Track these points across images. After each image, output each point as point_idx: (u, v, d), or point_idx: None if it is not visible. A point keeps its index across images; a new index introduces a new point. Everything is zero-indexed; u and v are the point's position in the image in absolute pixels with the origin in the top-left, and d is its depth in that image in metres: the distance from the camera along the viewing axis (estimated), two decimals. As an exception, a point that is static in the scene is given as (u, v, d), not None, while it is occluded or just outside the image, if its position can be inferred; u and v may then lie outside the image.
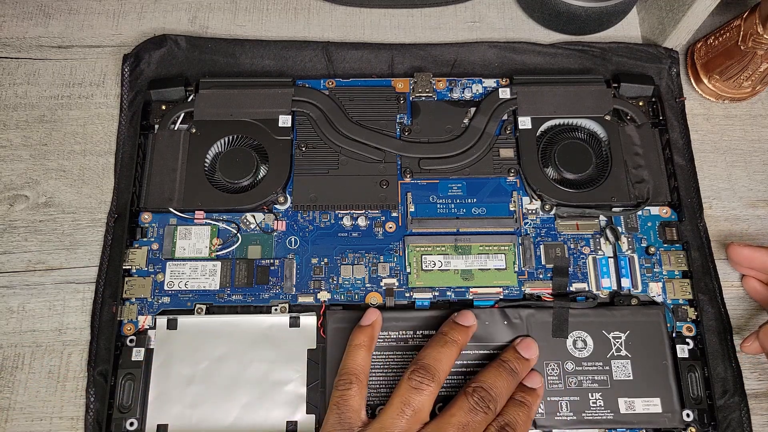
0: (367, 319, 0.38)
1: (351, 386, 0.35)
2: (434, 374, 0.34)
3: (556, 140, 0.45)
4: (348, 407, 0.34)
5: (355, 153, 0.44)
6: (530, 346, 0.38)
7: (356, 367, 0.36)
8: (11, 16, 0.51)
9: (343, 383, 0.35)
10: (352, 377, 0.35)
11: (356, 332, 0.37)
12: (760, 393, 0.41)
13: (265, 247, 0.42)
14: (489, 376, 0.35)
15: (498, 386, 0.35)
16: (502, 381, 0.35)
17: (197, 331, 0.40)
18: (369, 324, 0.37)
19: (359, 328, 0.37)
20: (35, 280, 0.43)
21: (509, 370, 0.36)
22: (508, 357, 0.37)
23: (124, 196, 0.43)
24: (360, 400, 0.35)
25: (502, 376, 0.36)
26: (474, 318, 0.38)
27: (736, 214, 0.46)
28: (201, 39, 0.49)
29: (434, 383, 0.34)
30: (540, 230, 0.43)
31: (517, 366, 0.36)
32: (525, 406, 0.35)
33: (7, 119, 0.47)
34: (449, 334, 0.36)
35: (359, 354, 0.36)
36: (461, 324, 0.37)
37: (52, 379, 0.40)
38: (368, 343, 0.37)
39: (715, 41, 0.47)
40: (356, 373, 0.35)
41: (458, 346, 0.36)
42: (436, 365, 0.35)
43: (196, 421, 0.38)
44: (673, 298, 0.41)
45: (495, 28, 0.52)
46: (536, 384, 0.37)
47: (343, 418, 0.34)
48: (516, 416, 0.35)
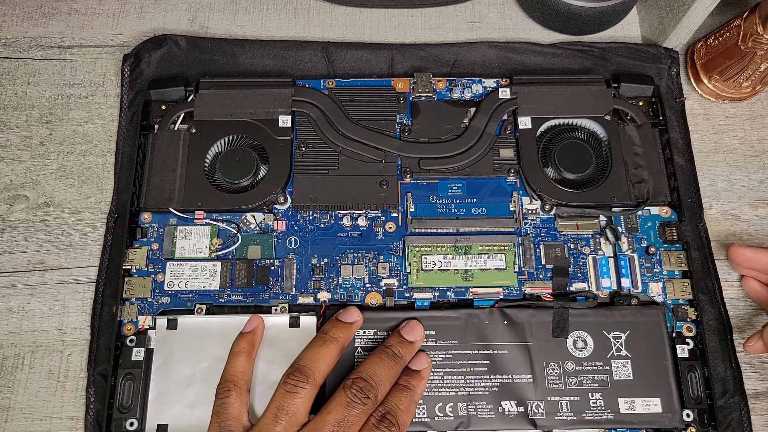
0: (249, 326, 0.38)
1: (230, 393, 0.35)
2: (309, 375, 0.34)
3: (556, 140, 0.45)
4: (227, 414, 0.34)
5: (355, 153, 0.44)
6: (414, 328, 0.37)
7: (235, 373, 0.36)
8: (11, 16, 0.51)
9: (222, 391, 0.35)
10: (230, 384, 0.35)
11: (237, 339, 0.37)
12: (760, 393, 0.41)
13: (265, 247, 0.42)
14: (368, 365, 0.35)
15: (378, 374, 0.34)
16: (382, 368, 0.35)
17: (197, 331, 0.40)
18: (250, 330, 0.38)
19: (240, 335, 0.38)
20: (35, 280, 0.43)
21: (391, 354, 0.36)
22: (390, 342, 0.37)
23: (124, 196, 0.43)
24: (240, 407, 0.35)
25: (383, 362, 0.35)
26: (359, 314, 0.38)
27: (736, 214, 0.46)
28: (201, 39, 0.49)
29: (309, 384, 0.34)
30: (540, 230, 0.43)
31: (401, 350, 0.36)
32: (408, 390, 0.35)
33: (7, 119, 0.47)
34: (329, 332, 0.36)
35: (239, 360, 0.36)
36: (343, 321, 0.37)
37: (52, 379, 0.40)
38: (248, 349, 0.37)
39: (715, 41, 0.47)
40: (234, 380, 0.35)
41: (339, 344, 0.36)
42: (312, 366, 0.34)
43: (196, 421, 0.38)
44: (673, 298, 0.41)
45: (495, 28, 0.52)
46: (421, 365, 0.36)
47: (223, 426, 0.34)
48: (397, 402, 0.34)
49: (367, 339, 0.39)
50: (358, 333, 0.39)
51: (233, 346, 0.37)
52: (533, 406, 0.38)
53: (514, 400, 0.38)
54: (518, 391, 0.38)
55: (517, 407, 0.38)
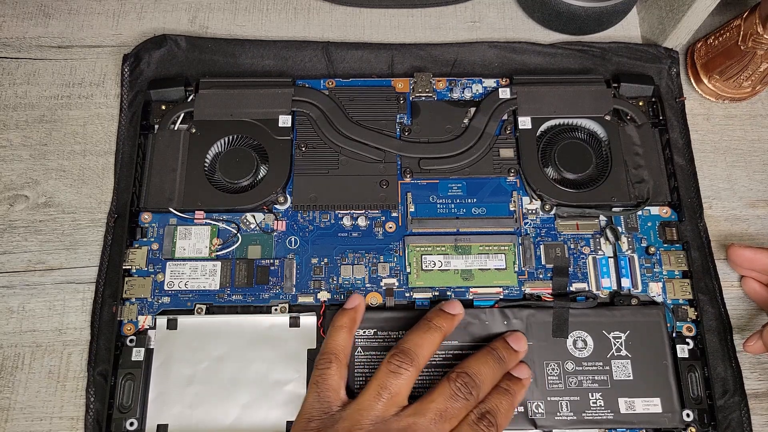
0: (351, 303, 0.38)
1: (330, 365, 0.35)
2: (413, 358, 0.34)
3: (556, 140, 0.45)
4: (327, 386, 0.34)
5: (355, 153, 0.44)
6: (520, 339, 0.38)
7: (336, 346, 0.36)
8: (11, 16, 0.51)
9: (323, 362, 0.35)
10: (332, 356, 0.35)
11: (339, 314, 0.38)
12: (760, 393, 0.41)
13: (265, 247, 0.42)
14: (474, 363, 0.35)
15: (483, 373, 0.35)
16: (487, 368, 0.35)
17: (197, 331, 0.40)
18: (352, 307, 0.38)
19: (342, 310, 0.38)
20: (35, 280, 0.43)
21: (497, 357, 0.36)
22: (496, 345, 0.37)
23: (124, 196, 0.43)
24: (339, 380, 0.35)
25: (488, 363, 0.35)
26: (461, 307, 0.38)
27: (736, 214, 0.46)
28: (201, 39, 0.49)
29: (413, 367, 0.34)
30: (540, 230, 0.43)
31: (505, 355, 0.36)
32: (509, 395, 0.35)
33: (7, 119, 0.47)
34: (434, 320, 0.36)
35: (340, 334, 0.36)
36: (447, 312, 0.37)
37: (52, 379, 0.40)
38: (350, 325, 0.37)
39: (715, 41, 0.47)
40: (336, 352, 0.35)
41: (442, 333, 0.36)
42: (417, 350, 0.35)
43: (196, 421, 0.38)
44: (673, 298, 0.41)
45: (495, 28, 0.52)
46: (524, 375, 0.37)
47: (322, 396, 0.34)
48: (498, 404, 0.34)
49: (367, 339, 0.39)
50: (358, 333, 0.39)
51: (335, 320, 0.37)
52: (533, 406, 0.38)
53: (514, 400, 0.38)
54: (518, 391, 0.38)
55: (517, 407, 0.38)
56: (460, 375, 0.34)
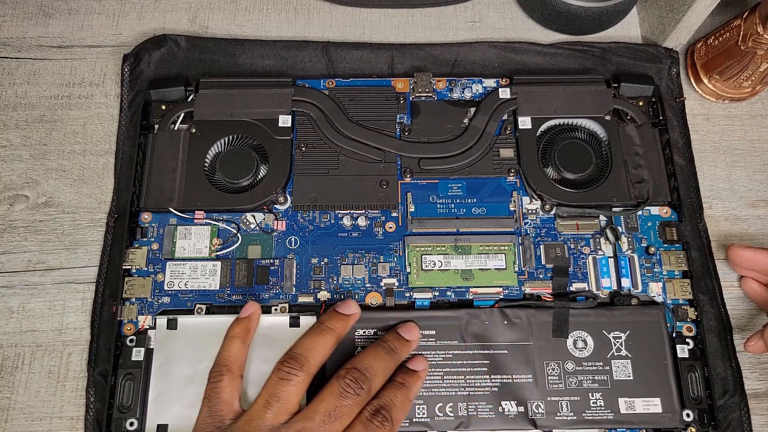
0: (245, 311, 0.37)
1: (222, 378, 0.34)
2: (303, 363, 0.33)
3: (556, 140, 0.45)
4: (219, 399, 0.34)
5: (355, 153, 0.44)
6: (411, 328, 0.37)
7: (228, 358, 0.35)
8: (11, 16, 0.51)
9: (214, 375, 0.35)
10: (223, 368, 0.35)
11: (233, 324, 0.37)
12: (760, 393, 0.41)
13: (265, 247, 0.42)
14: (364, 357, 0.35)
15: (373, 366, 0.34)
16: (378, 361, 0.35)
17: (197, 331, 0.40)
18: (246, 316, 0.37)
19: (236, 320, 0.37)
20: (35, 280, 0.43)
21: (387, 349, 0.35)
22: (387, 337, 0.36)
23: (124, 196, 0.43)
24: (232, 392, 0.34)
25: (379, 355, 0.35)
26: (356, 306, 0.37)
27: (736, 214, 0.46)
28: (201, 39, 0.49)
29: (303, 372, 0.33)
30: (540, 230, 0.43)
31: (397, 346, 0.36)
32: (404, 388, 0.35)
33: (7, 119, 0.47)
34: (326, 322, 0.36)
35: (233, 345, 0.36)
36: (341, 312, 0.37)
37: (52, 379, 0.40)
38: (243, 335, 0.36)
39: (715, 41, 0.47)
40: (228, 364, 0.35)
41: (335, 335, 0.35)
42: (306, 353, 0.34)
43: (196, 421, 0.38)
44: (673, 298, 0.41)
45: (495, 28, 0.52)
46: (419, 366, 0.36)
47: (214, 410, 0.34)
48: (393, 398, 0.34)
49: (366, 339, 0.39)
50: (358, 333, 0.39)
51: (228, 330, 0.37)
52: (533, 406, 0.38)
53: (514, 400, 0.38)
54: (518, 391, 0.38)
55: (517, 407, 0.38)
56: (349, 371, 0.34)
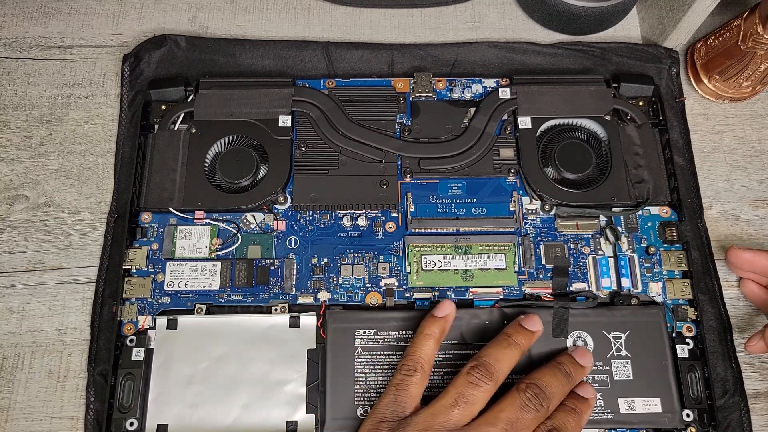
0: (442, 311, 0.37)
1: (415, 374, 0.35)
2: (493, 373, 0.34)
3: (556, 140, 0.45)
4: (407, 393, 0.34)
5: (355, 153, 0.44)
6: (586, 354, 0.37)
7: (423, 356, 0.35)
8: (11, 16, 0.51)
9: (407, 368, 0.35)
10: (418, 366, 0.35)
11: (429, 321, 0.37)
12: (760, 393, 0.41)
13: (265, 247, 0.42)
14: (544, 376, 0.35)
15: (552, 386, 0.34)
16: (556, 381, 0.35)
17: (197, 331, 0.40)
18: (443, 316, 0.37)
19: (432, 317, 0.37)
20: (35, 280, 0.43)
21: (564, 372, 0.36)
22: (563, 360, 0.36)
23: (124, 196, 0.43)
24: (419, 389, 0.35)
25: (557, 377, 0.35)
26: (540, 323, 0.37)
27: (736, 214, 0.46)
28: (201, 39, 0.49)
29: (492, 382, 0.34)
30: (540, 230, 0.43)
31: (572, 370, 0.36)
32: (575, 414, 0.35)
33: (7, 119, 0.47)
34: (513, 336, 0.36)
35: (428, 343, 0.36)
36: (526, 328, 0.37)
37: (52, 379, 0.40)
38: (438, 335, 0.36)
39: (715, 41, 0.47)
40: (422, 362, 0.35)
41: (521, 350, 0.36)
42: (497, 364, 0.34)
43: (196, 421, 0.38)
44: (673, 298, 0.41)
45: (495, 28, 0.52)
46: (589, 395, 0.36)
47: (399, 401, 0.34)
48: (566, 422, 0.34)
49: (367, 339, 0.39)
50: (357, 333, 0.39)
51: (423, 327, 0.36)
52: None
53: (514, 400, 0.38)
54: (518, 391, 0.38)
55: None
56: (530, 386, 0.34)
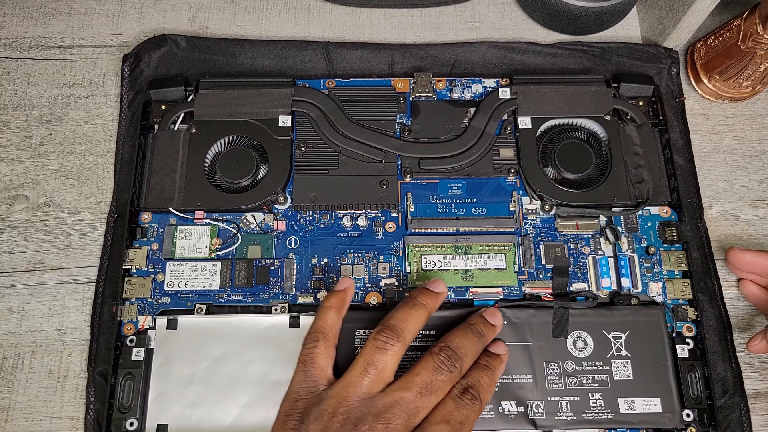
0: (341, 285, 0.38)
1: (318, 344, 0.35)
2: (399, 334, 0.34)
3: (556, 140, 0.45)
4: (314, 365, 0.35)
5: (355, 153, 0.44)
6: (495, 313, 0.38)
7: (324, 325, 0.36)
8: (11, 16, 0.51)
9: (310, 341, 0.35)
10: (319, 335, 0.35)
11: (328, 295, 0.38)
12: (760, 393, 0.41)
13: (265, 247, 0.42)
14: (455, 337, 0.35)
15: (464, 346, 0.35)
16: (468, 342, 0.35)
17: (197, 331, 0.40)
18: (341, 289, 0.38)
19: (332, 291, 0.38)
20: (35, 280, 0.43)
21: (476, 332, 0.36)
22: (474, 320, 0.37)
23: (124, 196, 0.43)
24: (326, 359, 0.35)
25: (468, 336, 0.36)
26: (445, 286, 0.38)
27: (736, 214, 0.46)
28: (201, 39, 0.49)
29: (399, 343, 0.34)
30: (540, 230, 0.43)
31: (483, 329, 0.36)
32: (489, 370, 0.35)
33: (7, 119, 0.47)
34: (418, 297, 0.37)
35: (329, 314, 0.37)
36: (432, 290, 0.37)
37: (52, 379, 0.40)
38: (338, 305, 0.37)
39: (715, 41, 0.47)
40: (324, 331, 0.36)
41: (427, 310, 0.36)
42: (402, 325, 0.35)
43: (196, 421, 0.38)
44: (673, 298, 0.41)
45: (495, 28, 0.52)
46: (501, 351, 0.37)
47: (309, 375, 0.34)
48: (480, 378, 0.35)
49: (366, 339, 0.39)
50: (357, 333, 0.39)
51: (324, 301, 0.38)
52: (533, 406, 0.38)
53: (514, 400, 0.38)
54: (518, 391, 0.38)
55: (517, 407, 0.38)
56: (442, 348, 0.34)
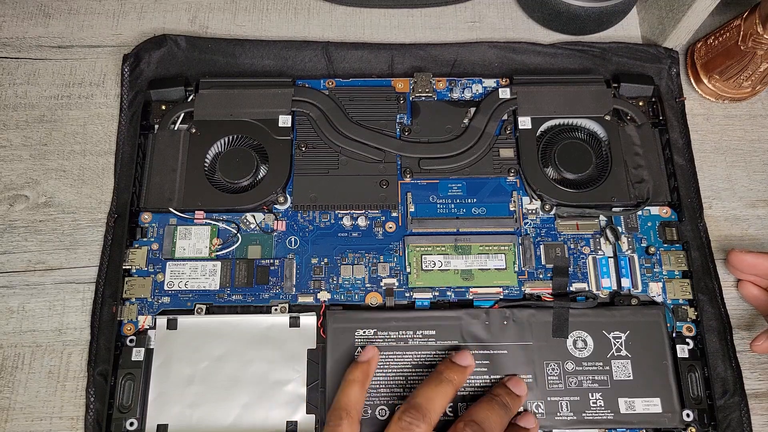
0: (365, 356, 0.37)
1: (341, 422, 0.34)
2: (425, 414, 0.34)
3: (556, 140, 0.45)
4: None
5: (355, 153, 0.44)
6: (519, 383, 0.37)
7: (348, 402, 0.35)
8: (11, 16, 0.51)
9: (334, 418, 0.35)
10: (343, 413, 0.35)
11: (352, 367, 0.37)
12: (760, 393, 0.41)
13: (265, 247, 0.42)
14: (481, 410, 0.35)
15: (490, 419, 0.34)
16: (493, 415, 0.35)
17: (197, 331, 0.40)
18: (366, 360, 0.37)
19: (355, 363, 0.37)
20: (35, 280, 0.43)
21: (501, 404, 0.36)
22: (498, 392, 0.36)
23: (124, 196, 0.43)
24: None
25: (494, 409, 0.35)
26: (472, 359, 0.37)
27: (736, 214, 0.46)
28: (201, 39, 0.49)
29: (425, 424, 0.33)
30: (540, 230, 0.43)
31: (508, 401, 0.36)
32: None
33: (7, 119, 0.47)
34: (445, 373, 0.36)
35: (353, 389, 0.36)
36: (458, 364, 0.37)
37: (52, 379, 0.40)
38: (362, 379, 0.36)
39: (715, 41, 0.47)
40: (348, 408, 0.35)
41: (454, 386, 0.36)
42: (428, 405, 0.34)
43: (196, 421, 0.38)
44: (673, 298, 0.41)
45: (495, 28, 0.52)
46: (530, 424, 0.36)
47: None
48: None
49: (366, 339, 0.39)
50: (357, 333, 0.39)
51: (347, 373, 0.37)
52: (533, 406, 0.38)
53: (514, 400, 0.38)
54: (518, 391, 0.38)
55: None
56: (468, 423, 0.34)
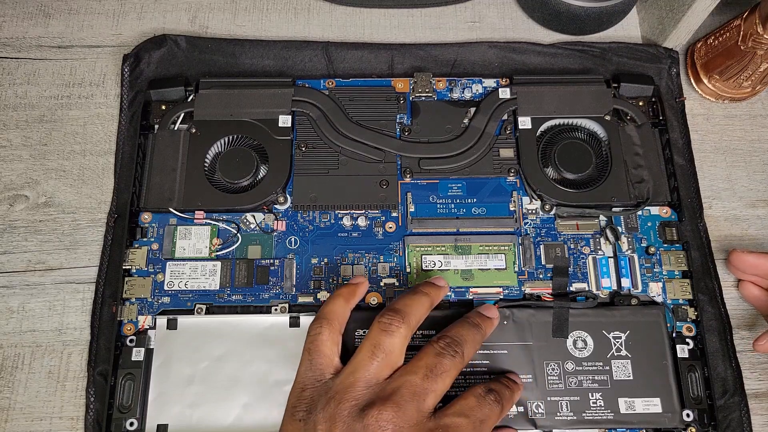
0: (355, 280, 0.38)
1: (322, 330, 0.34)
2: (404, 316, 0.34)
3: (556, 140, 0.45)
4: (319, 352, 0.34)
5: (355, 153, 0.44)
6: (490, 307, 0.38)
7: (330, 312, 0.35)
8: (11, 16, 0.51)
9: (314, 327, 0.34)
10: (324, 321, 0.34)
11: (339, 286, 0.38)
12: (760, 393, 0.41)
13: (265, 247, 0.42)
14: (453, 327, 0.36)
15: (462, 334, 0.35)
16: (465, 330, 0.35)
17: (197, 331, 0.40)
18: (355, 283, 0.37)
19: (344, 284, 0.37)
20: (35, 280, 0.43)
21: (472, 323, 0.36)
22: (469, 314, 0.37)
23: (124, 196, 0.43)
24: (332, 346, 0.34)
25: (465, 327, 0.36)
26: (447, 283, 0.38)
27: (736, 214, 0.46)
28: (201, 39, 0.49)
29: (404, 325, 0.33)
30: (540, 230, 0.43)
31: (479, 321, 0.36)
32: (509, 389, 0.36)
33: (7, 119, 0.47)
34: (422, 287, 0.36)
35: (336, 301, 0.36)
36: (435, 284, 0.37)
37: (52, 379, 0.40)
38: (347, 295, 0.36)
39: (715, 41, 0.47)
40: (329, 317, 0.35)
41: (430, 299, 0.36)
42: (406, 309, 0.34)
43: (196, 421, 0.38)
44: (673, 298, 0.41)
45: (495, 28, 0.52)
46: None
47: (314, 364, 0.33)
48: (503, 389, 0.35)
49: None
50: (358, 333, 0.39)
51: (334, 291, 0.37)
52: (533, 406, 0.38)
53: (514, 400, 0.38)
54: (518, 391, 0.38)
55: (517, 407, 0.38)
56: (441, 337, 0.34)
